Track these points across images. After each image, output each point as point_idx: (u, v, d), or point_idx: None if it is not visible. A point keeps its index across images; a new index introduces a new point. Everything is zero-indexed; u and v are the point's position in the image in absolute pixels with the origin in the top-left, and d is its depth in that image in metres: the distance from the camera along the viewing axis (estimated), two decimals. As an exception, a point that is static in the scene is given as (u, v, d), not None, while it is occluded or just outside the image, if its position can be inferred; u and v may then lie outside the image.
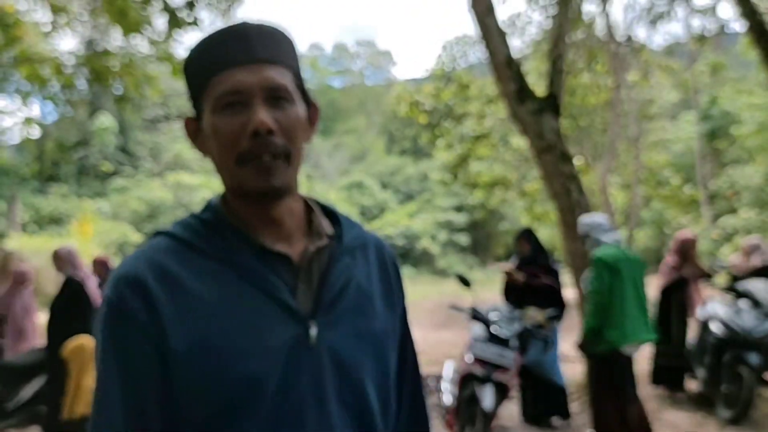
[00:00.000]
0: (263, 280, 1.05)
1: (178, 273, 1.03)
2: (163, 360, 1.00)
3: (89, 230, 24.82)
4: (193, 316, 1.01)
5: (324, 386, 1.05)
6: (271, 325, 1.04)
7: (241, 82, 1.04)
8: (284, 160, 1.06)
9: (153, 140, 39.77)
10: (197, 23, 6.87)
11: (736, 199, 20.49)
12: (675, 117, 29.86)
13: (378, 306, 1.17)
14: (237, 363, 1.00)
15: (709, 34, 14.06)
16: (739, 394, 6.22)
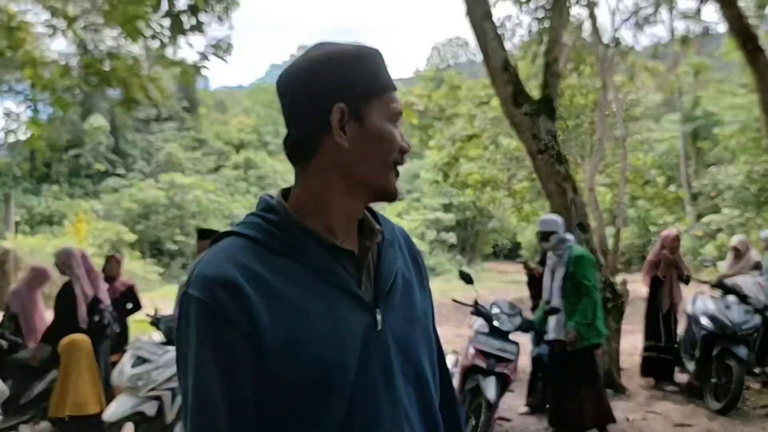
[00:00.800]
0: (335, 276, 1.14)
1: (261, 273, 1.09)
2: (257, 358, 1.06)
3: (83, 230, 24.83)
4: (281, 313, 1.07)
5: (391, 366, 1.16)
6: (346, 315, 1.13)
7: (398, 108, 1.21)
8: None
9: (145, 140, 39.59)
10: (201, 28, 6.95)
11: (719, 198, 20.75)
12: (660, 118, 30.24)
13: (416, 290, 1.29)
14: (322, 353, 1.08)
15: (693, 37, 14.33)
16: (727, 386, 6.43)
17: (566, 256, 5.51)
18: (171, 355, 5.06)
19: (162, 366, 4.98)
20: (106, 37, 8.18)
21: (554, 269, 5.61)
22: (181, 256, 32.72)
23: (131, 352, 5.15)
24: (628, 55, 14.91)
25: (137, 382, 4.86)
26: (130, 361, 5.03)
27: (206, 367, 1.06)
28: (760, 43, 8.59)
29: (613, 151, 18.09)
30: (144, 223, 31.60)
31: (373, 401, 1.13)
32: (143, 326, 7.25)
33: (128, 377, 4.88)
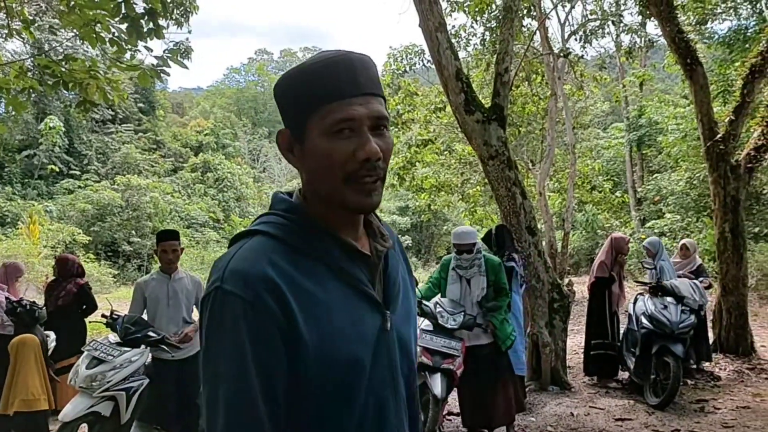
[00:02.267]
0: (353, 276, 1.20)
1: (291, 272, 1.13)
2: (292, 351, 1.10)
3: (36, 232, 24.31)
4: (311, 310, 1.12)
5: (396, 363, 1.26)
6: (363, 314, 1.20)
7: (354, 113, 1.14)
8: (381, 182, 1.19)
9: (101, 141, 38.84)
10: (160, 32, 6.97)
11: (662, 204, 21.26)
12: (607, 126, 31.01)
13: (410, 291, 1.39)
14: (347, 348, 1.15)
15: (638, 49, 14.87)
16: (665, 382, 6.74)
17: (483, 265, 5.64)
18: (126, 356, 5.08)
19: (117, 367, 4.98)
20: (63, 39, 8.14)
21: (470, 279, 5.66)
22: (136, 257, 32.19)
23: (86, 353, 5.15)
24: (576, 66, 15.34)
25: (92, 383, 4.85)
26: (85, 362, 5.01)
27: (244, 359, 1.07)
28: (698, 57, 9.06)
29: (563, 157, 18.60)
30: (99, 224, 30.99)
31: (382, 396, 1.22)
32: (99, 327, 7.27)
33: (83, 378, 4.86)
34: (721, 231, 8.84)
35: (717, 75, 15.97)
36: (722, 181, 8.71)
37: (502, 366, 5.68)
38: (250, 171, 47.21)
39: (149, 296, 5.31)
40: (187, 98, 69.13)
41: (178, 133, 47.56)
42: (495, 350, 5.62)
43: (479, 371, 5.61)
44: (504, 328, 5.62)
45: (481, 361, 5.60)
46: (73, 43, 8.24)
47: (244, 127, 57.47)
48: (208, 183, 40.69)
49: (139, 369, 5.16)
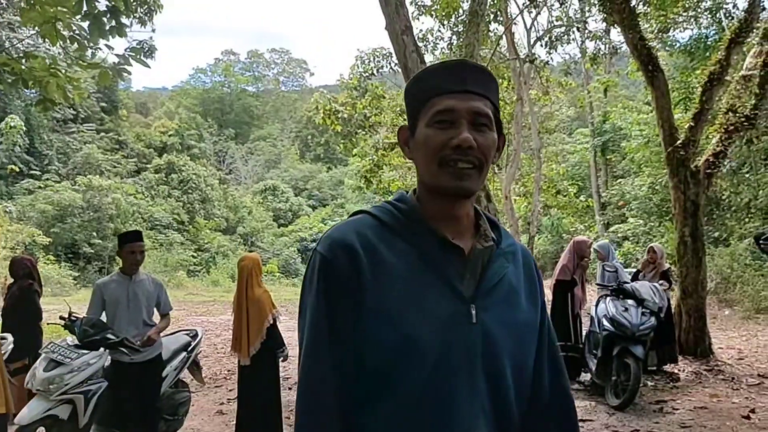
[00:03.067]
0: (439, 264, 1.30)
1: (377, 245, 1.29)
2: (358, 311, 1.26)
3: (-6, 232, 23.77)
4: (384, 280, 1.26)
5: (476, 357, 1.28)
6: (439, 300, 1.27)
7: (453, 105, 1.30)
8: (477, 171, 1.31)
9: (62, 141, 38.14)
10: (122, 30, 6.87)
11: (625, 208, 21.57)
12: (572, 131, 31.44)
13: (523, 301, 1.39)
14: (406, 323, 1.24)
15: (602, 56, 15.11)
16: (626, 384, 6.81)
17: None
18: (85, 358, 5.01)
19: (75, 369, 4.91)
20: (23, 36, 7.99)
21: None
22: (97, 259, 31.66)
23: (44, 355, 5.06)
24: (542, 71, 15.53)
25: (49, 386, 4.78)
26: (42, 364, 4.93)
27: (318, 309, 1.28)
28: (660, 64, 9.24)
29: (529, 162, 18.81)
30: (59, 226, 30.42)
31: (451, 383, 1.27)
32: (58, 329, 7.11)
33: (40, 381, 4.79)
34: (681, 235, 9.01)
35: (678, 82, 16.30)
36: (682, 187, 8.88)
37: None
38: (216, 173, 46.75)
39: (109, 298, 5.21)
40: (151, 98, 68.28)
41: (141, 133, 46.97)
42: None
43: None
44: None
45: None
46: (34, 41, 8.08)
47: (210, 128, 56.91)
48: (172, 184, 40.20)
49: (98, 372, 5.09)
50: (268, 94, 74.30)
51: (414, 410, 1.26)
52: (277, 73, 78.96)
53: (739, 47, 9.24)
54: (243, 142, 61.41)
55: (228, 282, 31.66)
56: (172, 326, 5.80)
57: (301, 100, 67.96)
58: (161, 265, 28.99)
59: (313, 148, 61.16)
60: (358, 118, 16.88)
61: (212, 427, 6.57)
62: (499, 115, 1.39)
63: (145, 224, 34.36)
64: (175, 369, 5.83)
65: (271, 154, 59.58)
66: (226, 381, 8.66)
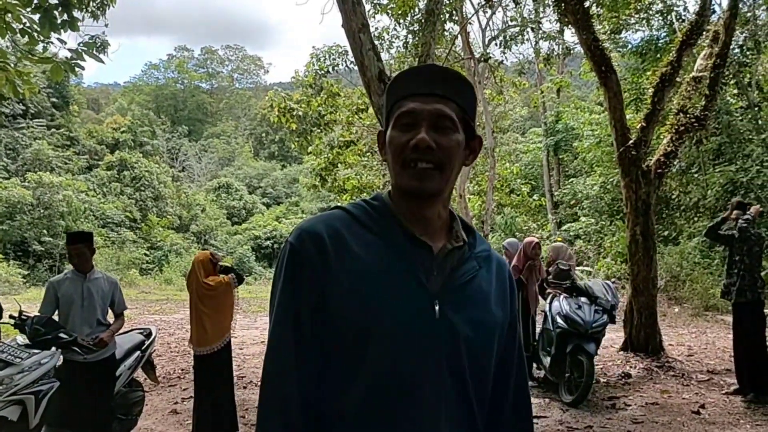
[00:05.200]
0: (406, 258, 1.34)
1: (345, 236, 1.34)
2: (323, 298, 1.30)
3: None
4: (350, 268, 1.30)
5: (439, 351, 1.31)
6: (403, 291, 1.31)
7: (414, 107, 1.34)
8: (438, 171, 1.33)
9: (10, 137, 37.04)
10: (74, 24, 6.70)
11: (577, 207, 21.89)
12: (525, 131, 31.86)
13: (492, 305, 1.41)
14: (369, 311, 1.29)
15: (556, 56, 15.32)
16: (579, 380, 6.90)
17: None
18: (35, 358, 4.91)
19: (26, 369, 4.80)
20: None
21: None
22: (48, 257, 30.90)
23: None
24: (497, 71, 15.67)
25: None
26: (-9, 364, 4.82)
27: (284, 293, 1.34)
28: (612, 65, 9.39)
29: (482, 161, 18.92)
30: (8, 223, 29.61)
31: (413, 372, 1.30)
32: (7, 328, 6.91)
33: (-12, 381, 4.68)
34: (632, 234, 9.16)
35: (630, 83, 16.61)
36: (634, 186, 9.04)
37: None
38: (169, 170, 46.05)
39: (62, 296, 5.10)
40: (103, 94, 66.96)
41: (93, 129, 46.00)
42: None
43: None
44: None
45: None
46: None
47: (163, 125, 56.09)
48: (124, 182, 39.47)
49: (50, 372, 4.97)
50: (222, 91, 73.52)
51: (378, 398, 1.29)
52: (231, 70, 78.22)
53: (690, 49, 9.45)
54: (196, 139, 60.65)
55: (181, 280, 31.19)
56: (125, 325, 5.72)
57: (256, 97, 67.44)
58: (113, 263, 28.41)
59: (267, 146, 60.76)
60: (313, 115, 16.79)
61: (166, 427, 6.46)
62: (473, 118, 1.41)
63: (97, 222, 33.67)
64: (129, 368, 5.75)
65: (225, 151, 58.97)
66: (179, 380, 8.53)
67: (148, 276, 31.59)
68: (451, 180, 1.39)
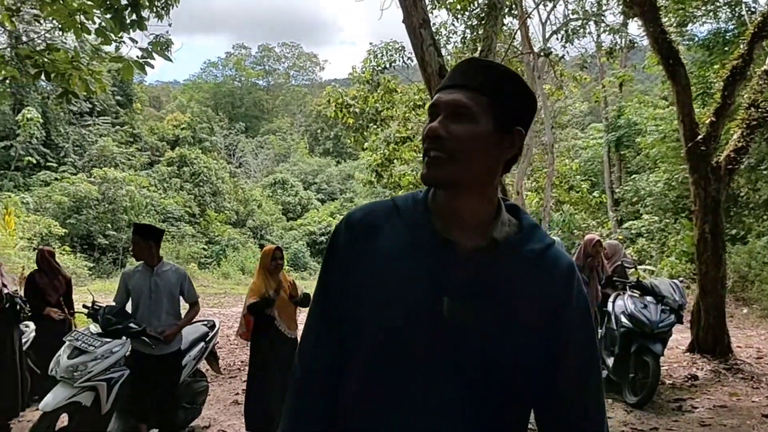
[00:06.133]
0: (425, 253, 1.33)
1: (382, 224, 1.40)
2: (347, 280, 1.40)
3: (12, 223, 23.96)
4: (373, 257, 1.37)
5: (446, 349, 1.29)
6: (412, 286, 1.32)
7: (438, 99, 1.35)
8: (450, 160, 1.31)
9: (78, 134, 38.36)
10: (143, 24, 6.88)
11: (639, 205, 21.43)
12: (585, 126, 31.26)
13: (526, 310, 1.32)
14: (373, 301, 1.35)
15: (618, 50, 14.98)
16: (644, 381, 6.76)
17: None
18: (107, 346, 5.08)
19: (98, 357, 4.98)
20: (41, 30, 8.00)
21: None
22: (112, 251, 31.93)
23: (68, 343, 5.12)
24: (557, 65, 15.42)
25: (73, 373, 4.84)
26: (66, 351, 5.01)
27: (320, 274, 1.49)
28: (680, 58, 9.13)
29: (541, 157, 18.73)
30: (75, 217, 30.70)
31: (412, 365, 1.31)
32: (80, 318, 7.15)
33: (64, 368, 4.86)
34: (701, 232, 8.90)
35: (696, 77, 16.14)
36: (703, 183, 8.77)
37: None
38: (227, 166, 46.87)
39: (133, 288, 5.27)
40: (164, 92, 68.58)
41: (154, 126, 47.17)
42: None
43: None
44: None
45: None
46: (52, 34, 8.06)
47: (221, 122, 57.09)
48: (184, 177, 40.37)
49: (120, 360, 5.14)
50: (279, 88, 74.41)
51: (370, 389, 1.34)
52: (287, 67, 79.06)
53: (761, 42, 9.11)
54: (253, 135, 61.56)
55: (238, 274, 31.79)
56: (198, 314, 5.81)
57: (311, 94, 68.10)
58: (173, 257, 29.13)
59: (322, 143, 61.28)
60: (370, 111, 16.84)
61: (228, 417, 6.62)
62: (510, 109, 1.35)
63: (157, 216, 34.57)
64: (194, 359, 5.90)
65: (281, 147, 59.69)
66: (240, 372, 8.70)
67: (206, 270, 32.29)
68: (474, 170, 1.33)
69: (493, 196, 1.40)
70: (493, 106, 1.32)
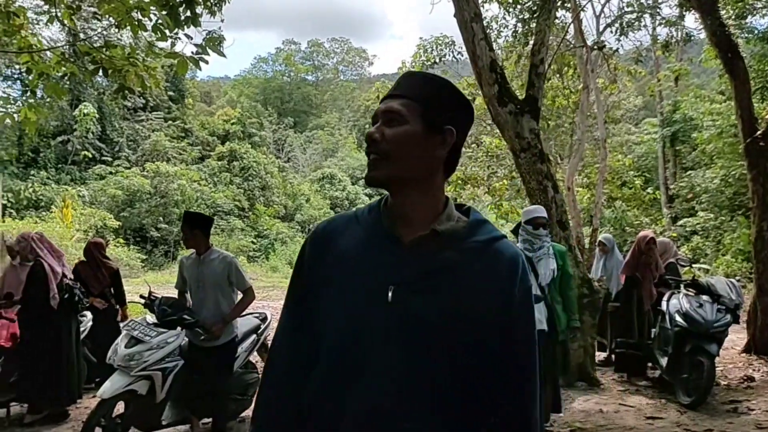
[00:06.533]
0: (376, 250, 1.48)
1: (342, 232, 1.54)
2: (311, 286, 1.54)
3: (69, 215, 24.81)
4: (332, 261, 1.51)
5: (391, 336, 1.40)
6: (361, 279, 1.45)
7: (377, 110, 1.51)
8: (384, 161, 1.45)
9: (132, 129, 39.31)
10: (197, 20, 6.99)
11: (694, 201, 20.98)
12: (639, 121, 30.63)
13: (470, 296, 1.41)
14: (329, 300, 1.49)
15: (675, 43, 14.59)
16: (698, 382, 6.62)
17: (550, 249, 5.60)
18: (163, 336, 5.20)
19: (154, 347, 5.10)
20: (98, 27, 8.21)
21: (535, 261, 5.55)
22: (163, 243, 32.65)
23: (125, 332, 5.25)
24: (611, 59, 15.13)
25: (130, 362, 4.97)
26: (123, 341, 5.14)
27: (289, 284, 1.62)
28: (739, 51, 8.88)
29: (593, 152, 18.41)
30: (128, 210, 31.51)
31: (363, 359, 1.42)
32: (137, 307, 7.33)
33: (122, 357, 4.99)
34: (758, 230, 8.65)
35: (755, 71, 15.64)
36: (762, 179, 8.53)
37: (549, 360, 5.55)
38: (275, 161, 47.32)
39: (186, 276, 5.38)
40: (214, 87, 69.50)
41: (205, 121, 47.87)
42: (547, 342, 5.49)
43: None
44: (562, 319, 5.56)
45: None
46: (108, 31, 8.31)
47: (270, 117, 57.66)
48: (234, 171, 40.94)
49: (175, 350, 5.25)
50: (327, 84, 74.80)
51: (329, 380, 1.45)
52: (336, 63, 79.37)
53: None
54: (301, 130, 62.02)
55: (286, 268, 32.13)
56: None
57: (360, 89, 68.22)
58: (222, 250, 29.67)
59: (370, 137, 61.29)
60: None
61: (277, 410, 6.66)
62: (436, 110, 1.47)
63: (208, 210, 35.15)
64: (246, 350, 5.98)
65: (329, 143, 59.99)
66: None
67: (255, 263, 32.72)
68: (409, 167, 1.46)
69: (437, 194, 1.52)
70: (422, 110, 1.46)
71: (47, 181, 32.33)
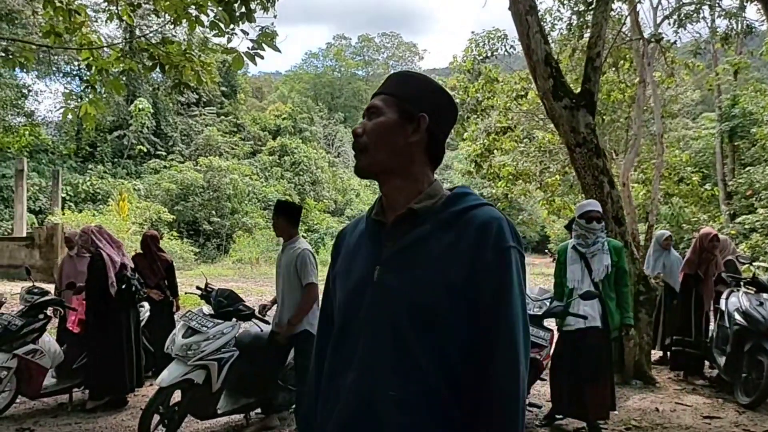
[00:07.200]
0: (368, 238, 1.63)
1: (352, 229, 1.74)
2: (332, 277, 1.73)
3: (125, 209, 25.56)
4: (342, 254, 1.71)
5: (376, 314, 1.50)
6: (359, 267, 1.59)
7: (366, 106, 1.64)
8: (365, 151, 1.57)
9: (185, 123, 40.14)
10: (251, 16, 7.09)
11: (754, 198, 20.40)
12: (697, 115, 29.85)
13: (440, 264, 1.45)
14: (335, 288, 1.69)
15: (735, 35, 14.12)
16: (758, 381, 6.46)
17: (605, 244, 5.54)
18: (219, 327, 5.31)
19: (211, 338, 5.21)
20: (153, 24, 8.40)
21: (591, 258, 5.52)
22: (216, 237, 33.27)
23: (183, 322, 5.38)
24: (668, 52, 14.75)
25: (187, 352, 5.09)
26: (181, 331, 5.27)
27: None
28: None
29: (648, 148, 17.97)
30: (182, 204, 32.19)
31: (355, 338, 1.53)
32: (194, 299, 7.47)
33: (179, 347, 5.12)
34: (823, 227, 8.36)
35: (820, 64, 15.11)
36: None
37: (605, 357, 5.52)
38: (326, 155, 47.69)
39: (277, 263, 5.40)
40: (266, 83, 70.37)
41: (257, 116, 48.51)
42: (602, 338, 5.47)
43: (581, 359, 5.44)
44: (615, 316, 5.49)
45: (586, 349, 5.43)
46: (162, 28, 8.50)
47: (321, 112, 58.10)
48: (284, 166, 41.40)
49: (231, 341, 5.35)
50: (378, 79, 74.86)
51: (331, 362, 1.59)
52: (387, 57, 79.50)
53: None
54: (352, 125, 62.28)
55: (337, 263, 32.36)
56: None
57: (410, 84, 68.13)
58: (274, 245, 30.03)
59: (420, 132, 61.21)
60: (471, 101, 16.69)
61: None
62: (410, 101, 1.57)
63: (259, 204, 35.66)
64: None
65: (379, 138, 60.15)
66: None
67: (305, 258, 33.04)
68: (387, 155, 1.56)
69: (420, 178, 1.57)
70: (397, 101, 1.57)
71: (104, 174, 33.28)
